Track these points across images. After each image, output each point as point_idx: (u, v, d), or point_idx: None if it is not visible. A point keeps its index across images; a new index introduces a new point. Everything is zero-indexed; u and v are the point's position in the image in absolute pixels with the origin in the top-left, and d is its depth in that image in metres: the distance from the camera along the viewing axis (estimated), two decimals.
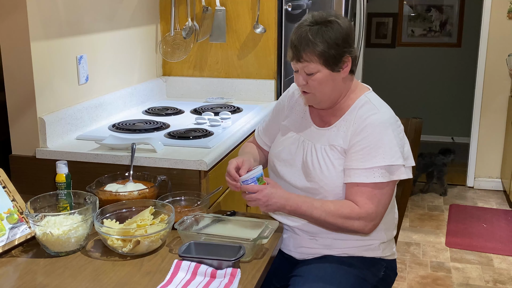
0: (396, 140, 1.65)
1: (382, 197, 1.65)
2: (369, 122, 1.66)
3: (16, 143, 2.14)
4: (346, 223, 1.63)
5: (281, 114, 1.91)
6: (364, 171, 1.63)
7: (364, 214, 1.62)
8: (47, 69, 2.11)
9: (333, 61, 1.63)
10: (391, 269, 1.84)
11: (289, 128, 1.85)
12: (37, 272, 1.48)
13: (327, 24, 1.63)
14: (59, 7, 2.16)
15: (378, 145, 1.63)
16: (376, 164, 1.62)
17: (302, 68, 1.66)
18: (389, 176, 1.64)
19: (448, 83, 6.04)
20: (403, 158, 1.65)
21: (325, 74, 1.65)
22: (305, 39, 1.62)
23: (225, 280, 1.40)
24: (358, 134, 1.67)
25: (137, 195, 1.79)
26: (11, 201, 1.66)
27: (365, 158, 1.63)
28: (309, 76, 1.66)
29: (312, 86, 1.67)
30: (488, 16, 4.40)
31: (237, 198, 2.36)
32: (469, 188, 4.67)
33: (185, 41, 2.90)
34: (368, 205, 1.62)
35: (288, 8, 2.95)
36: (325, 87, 1.67)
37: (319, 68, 1.64)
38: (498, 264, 3.32)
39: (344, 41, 1.64)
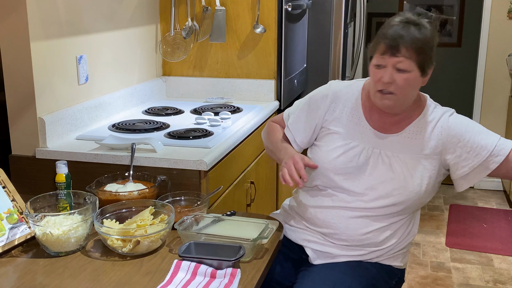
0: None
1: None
2: (453, 120, 1.69)
3: (16, 143, 2.13)
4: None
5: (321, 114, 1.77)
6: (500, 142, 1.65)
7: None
8: (47, 69, 2.11)
9: (427, 64, 1.60)
10: (402, 279, 1.84)
11: (341, 135, 1.72)
12: (37, 272, 1.48)
13: (433, 28, 1.61)
14: (59, 7, 2.16)
15: (479, 130, 1.67)
16: (496, 140, 1.65)
17: (394, 64, 1.58)
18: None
19: (448, 83, 6.03)
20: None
21: (415, 76, 1.60)
22: (413, 35, 1.56)
23: (225, 280, 1.40)
24: (448, 135, 1.67)
25: (137, 195, 1.79)
26: (11, 201, 1.65)
27: (483, 143, 1.65)
28: (400, 73, 1.58)
29: (399, 85, 1.59)
30: (488, 16, 4.40)
31: (237, 198, 2.36)
32: (469, 188, 4.66)
33: (185, 41, 2.90)
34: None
35: (288, 8, 2.95)
36: (411, 90, 1.62)
37: (413, 68, 1.58)
38: (498, 264, 3.31)
39: (435, 47, 1.62)
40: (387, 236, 1.70)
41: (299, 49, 3.26)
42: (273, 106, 2.87)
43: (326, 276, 1.67)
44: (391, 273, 1.77)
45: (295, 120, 1.83)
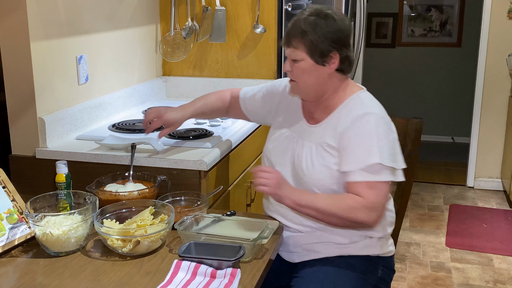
0: (387, 140, 1.66)
1: (382, 188, 1.65)
2: (358, 121, 1.67)
3: (16, 143, 2.13)
4: (351, 214, 1.62)
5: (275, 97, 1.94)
6: (360, 171, 1.63)
7: (368, 203, 1.61)
8: (47, 69, 2.11)
9: (319, 53, 1.67)
10: (389, 266, 1.84)
11: (282, 123, 1.87)
12: (37, 272, 1.48)
13: (322, 17, 1.67)
14: (59, 7, 2.16)
15: (369, 143, 1.64)
16: (368, 162, 1.62)
17: (289, 54, 1.71)
18: (381, 175, 1.64)
19: (448, 83, 6.03)
20: (393, 160, 1.65)
21: (309, 63, 1.69)
22: (297, 26, 1.68)
23: (225, 280, 1.40)
24: (347, 133, 1.68)
25: (137, 195, 1.79)
26: (11, 201, 1.65)
27: (356, 157, 1.64)
28: (294, 62, 1.70)
29: (295, 73, 1.72)
30: (488, 16, 4.40)
31: (237, 198, 2.36)
32: (469, 188, 4.67)
33: (185, 41, 2.90)
34: (370, 195, 1.62)
35: (288, 8, 2.95)
36: (308, 77, 1.71)
37: (304, 57, 1.68)
38: (498, 264, 3.31)
39: (335, 38, 1.67)
40: None
41: None
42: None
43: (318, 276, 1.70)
44: (374, 263, 1.78)
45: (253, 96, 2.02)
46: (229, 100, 2.07)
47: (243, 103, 2.04)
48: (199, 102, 2.06)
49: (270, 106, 1.95)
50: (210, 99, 2.07)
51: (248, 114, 2.05)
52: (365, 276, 1.74)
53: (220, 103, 2.07)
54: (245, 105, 2.04)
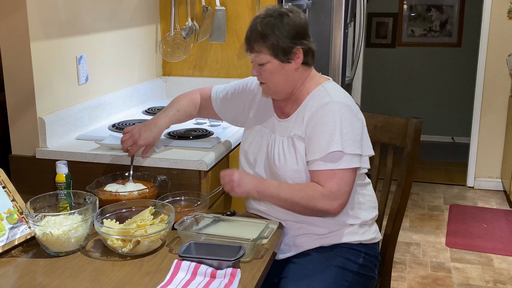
0: (351, 127, 1.67)
1: (344, 176, 1.66)
2: (321, 109, 1.70)
3: (16, 143, 2.13)
4: (311, 203, 1.65)
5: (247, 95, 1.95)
6: (322, 160, 1.66)
7: (327, 192, 1.64)
8: (47, 69, 2.11)
9: (282, 52, 1.69)
10: (372, 254, 1.85)
11: (254, 120, 1.89)
12: (37, 272, 1.48)
13: (278, 17, 1.69)
14: (59, 7, 2.16)
15: (331, 132, 1.66)
16: (329, 150, 1.64)
17: (254, 59, 1.74)
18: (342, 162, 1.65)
19: (448, 83, 6.03)
20: (357, 147, 1.67)
21: (275, 64, 1.71)
22: (256, 30, 1.70)
23: (225, 280, 1.40)
24: (311, 123, 1.70)
25: (137, 195, 1.79)
26: (11, 201, 1.65)
27: (319, 146, 1.66)
28: (261, 66, 1.72)
29: (264, 76, 1.74)
30: (488, 16, 4.40)
31: (237, 198, 2.36)
32: (469, 188, 4.67)
33: (185, 41, 2.90)
34: (330, 183, 1.64)
35: None
36: (276, 77, 1.73)
37: (269, 59, 1.71)
38: (498, 264, 3.31)
39: (294, 34, 1.70)
40: None
41: None
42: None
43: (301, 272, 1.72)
44: (355, 251, 1.79)
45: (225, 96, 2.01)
46: (200, 101, 2.07)
47: (216, 103, 2.04)
48: (171, 110, 2.02)
49: (242, 105, 1.96)
50: (182, 105, 2.04)
51: (220, 113, 2.05)
52: (345, 264, 1.76)
53: (192, 107, 2.06)
54: (218, 105, 2.03)
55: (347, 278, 1.75)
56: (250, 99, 1.94)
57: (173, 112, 2.02)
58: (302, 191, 1.67)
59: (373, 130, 2.06)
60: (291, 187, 1.70)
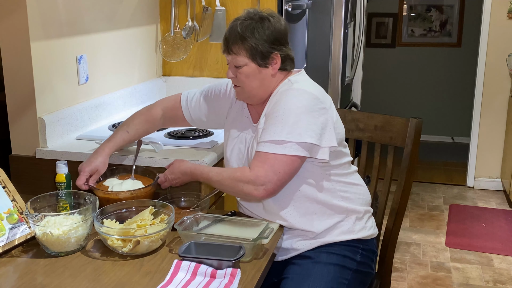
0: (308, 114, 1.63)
1: (276, 163, 1.62)
2: (280, 97, 1.69)
3: (16, 143, 2.14)
4: (238, 186, 1.65)
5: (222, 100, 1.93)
6: (262, 142, 1.65)
7: (253, 177, 1.62)
8: (47, 69, 2.11)
9: (260, 56, 1.69)
10: (368, 250, 1.84)
11: (231, 126, 1.88)
12: (37, 272, 1.48)
13: (259, 21, 1.69)
14: (59, 7, 2.16)
15: (282, 119, 1.64)
16: (272, 138, 1.63)
17: (231, 61, 1.72)
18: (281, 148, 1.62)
19: (448, 83, 6.04)
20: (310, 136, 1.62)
21: (252, 68, 1.70)
22: (235, 32, 1.69)
23: (225, 280, 1.40)
24: (269, 109, 1.70)
25: (129, 195, 1.78)
26: (11, 201, 1.66)
27: (267, 130, 1.65)
28: (237, 68, 1.71)
29: (240, 79, 1.73)
30: (488, 16, 4.40)
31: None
32: (469, 188, 4.67)
33: (185, 41, 2.90)
34: (258, 168, 1.63)
35: (288, 8, 2.95)
36: (252, 81, 1.72)
37: (246, 62, 1.70)
38: (498, 264, 3.32)
39: (273, 39, 1.69)
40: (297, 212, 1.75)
41: (299, 49, 3.26)
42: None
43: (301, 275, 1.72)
44: (352, 248, 1.79)
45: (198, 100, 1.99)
46: (161, 115, 2.00)
47: (187, 112, 1.99)
48: (119, 134, 1.94)
49: (218, 110, 1.94)
50: (133, 125, 1.97)
51: (192, 122, 2.01)
52: (343, 262, 1.76)
53: (147, 125, 1.99)
54: (190, 114, 1.98)
55: (346, 276, 1.75)
56: (227, 102, 1.92)
57: (120, 135, 1.93)
58: (231, 175, 1.68)
59: (373, 130, 2.06)
60: (223, 170, 1.74)
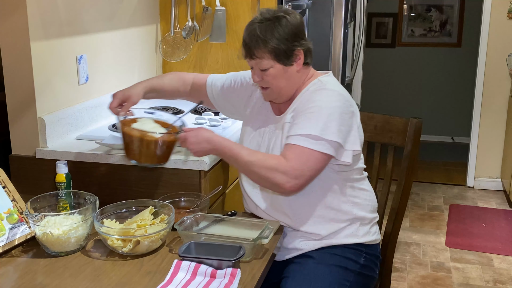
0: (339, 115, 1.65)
1: (311, 159, 1.62)
2: (313, 93, 1.70)
3: (16, 143, 2.13)
4: (269, 173, 1.60)
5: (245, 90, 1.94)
6: (297, 136, 1.64)
7: (289, 168, 1.60)
8: (47, 69, 2.11)
9: (284, 55, 1.68)
10: (372, 254, 1.85)
11: (251, 119, 1.88)
12: (37, 272, 1.48)
13: (276, 20, 1.68)
14: (59, 7, 2.16)
15: (317, 115, 1.64)
16: (306, 132, 1.63)
17: (256, 65, 1.72)
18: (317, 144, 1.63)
19: (448, 83, 6.04)
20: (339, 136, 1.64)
21: (278, 69, 1.70)
22: (255, 36, 1.67)
23: (225, 280, 1.40)
24: (301, 104, 1.71)
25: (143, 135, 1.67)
26: (11, 201, 1.66)
27: (301, 124, 1.65)
28: (263, 72, 1.71)
29: (267, 81, 1.72)
30: (488, 16, 4.40)
31: (237, 198, 2.36)
32: (469, 188, 4.67)
33: (185, 41, 2.90)
34: (294, 160, 1.61)
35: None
36: (280, 81, 1.72)
37: (272, 64, 1.69)
38: (498, 264, 3.32)
39: (294, 35, 1.69)
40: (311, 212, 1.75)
41: None
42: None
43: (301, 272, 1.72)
44: (355, 251, 1.79)
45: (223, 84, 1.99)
46: (191, 83, 2.04)
47: (211, 91, 2.02)
48: (153, 78, 2.03)
49: (239, 99, 1.95)
50: (167, 76, 2.04)
51: (214, 101, 2.03)
52: (346, 264, 1.76)
53: (179, 83, 2.03)
54: (212, 93, 2.02)
55: (348, 278, 1.75)
56: (247, 94, 1.94)
57: (155, 79, 2.00)
58: (264, 160, 1.62)
59: (373, 130, 2.06)
60: (255, 153, 1.66)
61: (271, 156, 1.66)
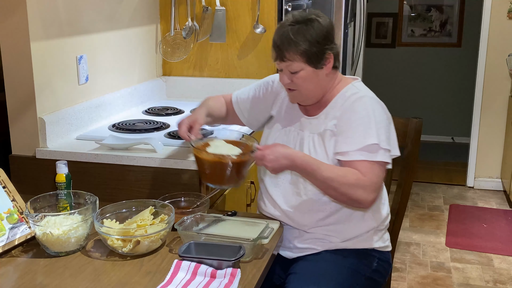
0: (383, 123, 1.67)
1: (381, 170, 1.65)
2: (356, 103, 1.69)
3: (16, 143, 2.13)
4: (350, 191, 1.60)
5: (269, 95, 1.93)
6: (358, 150, 1.64)
7: (369, 183, 1.61)
8: (47, 69, 2.11)
9: (316, 58, 1.67)
10: (385, 260, 1.84)
11: (277, 119, 1.88)
12: (37, 272, 1.48)
13: (308, 23, 1.67)
14: (59, 7, 2.16)
15: (367, 125, 1.65)
16: (367, 142, 1.63)
17: (286, 67, 1.70)
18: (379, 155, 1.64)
19: (448, 83, 6.03)
20: (388, 144, 1.67)
21: (308, 71, 1.69)
22: (287, 38, 1.66)
23: (225, 280, 1.40)
24: (345, 116, 1.70)
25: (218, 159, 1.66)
26: (11, 201, 1.66)
27: (355, 138, 1.65)
28: (293, 74, 1.70)
29: (296, 84, 1.71)
30: (488, 16, 4.40)
31: (237, 198, 2.36)
32: (469, 188, 4.67)
33: (185, 41, 2.90)
34: (370, 175, 1.62)
35: (288, 8, 2.95)
36: (309, 84, 1.71)
37: (303, 66, 1.68)
38: (498, 264, 3.32)
39: (325, 39, 1.68)
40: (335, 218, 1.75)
41: None
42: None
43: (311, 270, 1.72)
44: (369, 255, 1.79)
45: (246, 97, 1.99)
46: (225, 104, 2.03)
47: (238, 108, 2.00)
48: (206, 102, 1.98)
49: (266, 106, 1.94)
50: (211, 102, 1.99)
51: (244, 119, 2.01)
52: (358, 267, 1.75)
53: (221, 106, 2.02)
54: (241, 110, 2.00)
55: (358, 281, 1.74)
56: (273, 97, 1.92)
57: (207, 102, 1.97)
58: (344, 176, 1.61)
59: None
60: (333, 168, 1.64)
61: (349, 171, 1.63)
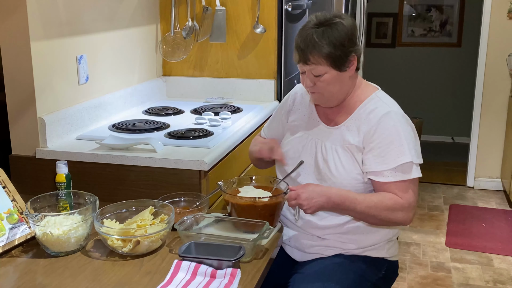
0: (411, 137, 1.69)
1: (415, 186, 1.68)
2: (383, 120, 1.68)
3: (16, 143, 2.14)
4: (391, 215, 1.64)
5: (285, 113, 1.92)
6: (392, 170, 1.65)
7: (407, 204, 1.64)
8: (47, 69, 2.11)
9: (340, 61, 1.64)
10: (393, 269, 1.84)
11: (297, 127, 1.85)
12: (37, 272, 1.48)
13: (332, 25, 1.64)
14: (59, 7, 2.16)
15: (398, 142, 1.65)
16: (401, 161, 1.64)
17: (310, 70, 1.67)
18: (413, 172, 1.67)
19: (448, 83, 6.03)
20: (418, 157, 1.70)
21: (332, 75, 1.66)
22: (311, 41, 1.63)
23: (225, 280, 1.40)
24: (374, 133, 1.68)
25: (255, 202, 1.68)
26: (11, 201, 1.65)
27: (387, 157, 1.65)
28: (317, 77, 1.67)
29: (320, 87, 1.68)
30: (488, 16, 4.40)
31: None
32: (469, 188, 4.67)
33: (185, 41, 2.90)
34: (407, 195, 1.64)
35: (288, 8, 2.95)
36: (333, 87, 1.68)
37: (327, 70, 1.65)
38: (498, 264, 3.32)
39: (349, 41, 1.65)
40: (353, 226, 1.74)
41: None
42: (273, 106, 2.87)
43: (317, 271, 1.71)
44: (378, 263, 1.79)
45: (268, 123, 2.02)
46: None
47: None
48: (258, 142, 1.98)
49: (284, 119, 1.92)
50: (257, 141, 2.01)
51: None
52: (365, 273, 1.75)
53: None
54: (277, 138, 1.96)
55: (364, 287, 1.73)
56: (288, 108, 1.91)
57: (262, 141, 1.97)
58: (381, 203, 1.63)
59: None
60: (370, 197, 1.65)
61: (385, 196, 1.65)
